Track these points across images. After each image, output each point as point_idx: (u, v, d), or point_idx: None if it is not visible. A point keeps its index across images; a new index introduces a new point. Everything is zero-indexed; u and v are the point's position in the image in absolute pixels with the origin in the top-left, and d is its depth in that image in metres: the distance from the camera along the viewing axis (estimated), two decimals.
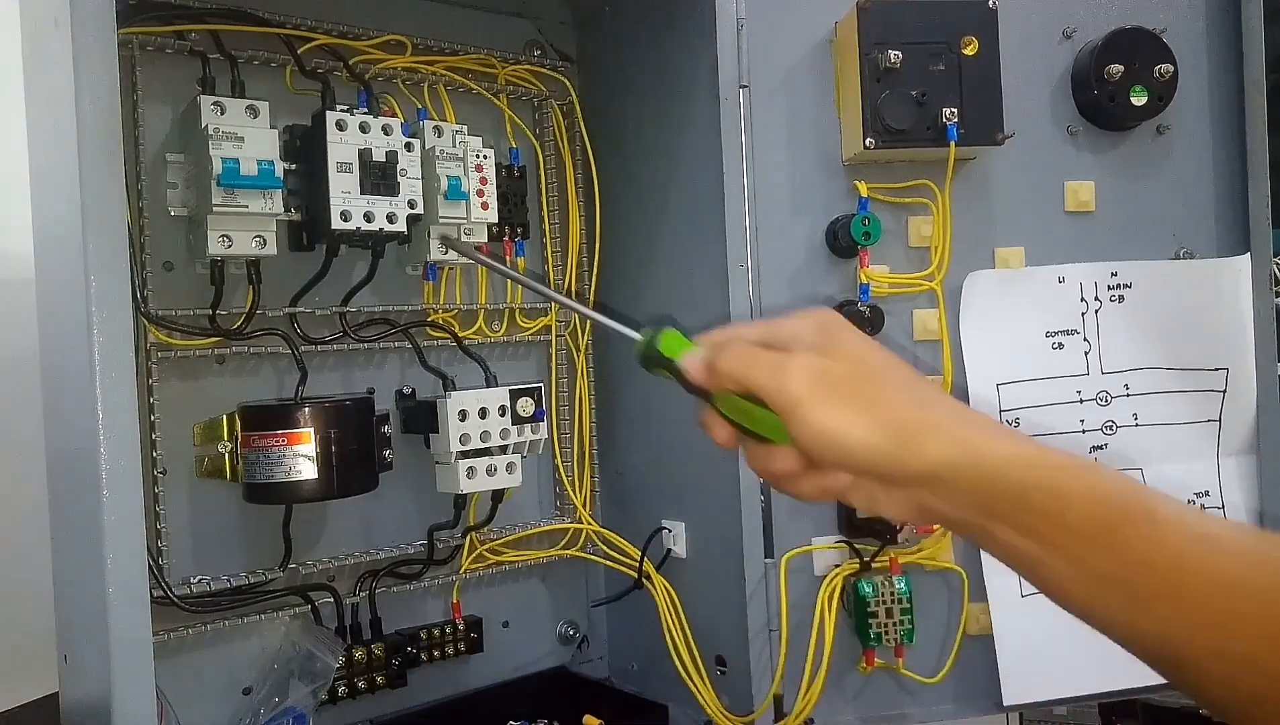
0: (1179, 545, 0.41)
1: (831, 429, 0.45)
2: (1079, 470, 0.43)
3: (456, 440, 0.84)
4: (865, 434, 0.44)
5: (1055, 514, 0.42)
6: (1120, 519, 0.42)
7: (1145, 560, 0.41)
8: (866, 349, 0.48)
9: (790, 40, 0.86)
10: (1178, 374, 0.88)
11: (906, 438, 0.44)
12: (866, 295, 0.85)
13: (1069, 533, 0.42)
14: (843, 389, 0.46)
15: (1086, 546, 0.42)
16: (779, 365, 0.47)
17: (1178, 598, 0.40)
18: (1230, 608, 0.39)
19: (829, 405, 0.45)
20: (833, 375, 0.46)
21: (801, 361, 0.46)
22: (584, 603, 1.04)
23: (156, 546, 0.77)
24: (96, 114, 0.57)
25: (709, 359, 0.50)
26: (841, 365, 0.47)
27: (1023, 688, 0.86)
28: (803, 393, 0.45)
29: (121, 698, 0.57)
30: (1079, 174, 0.89)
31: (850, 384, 0.46)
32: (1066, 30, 0.89)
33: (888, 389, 0.46)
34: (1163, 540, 0.41)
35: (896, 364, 0.48)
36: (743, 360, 0.48)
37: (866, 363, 0.47)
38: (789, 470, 0.49)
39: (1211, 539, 0.41)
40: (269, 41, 0.82)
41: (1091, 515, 0.42)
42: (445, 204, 0.83)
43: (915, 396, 0.46)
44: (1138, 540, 0.41)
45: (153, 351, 0.77)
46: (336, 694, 0.83)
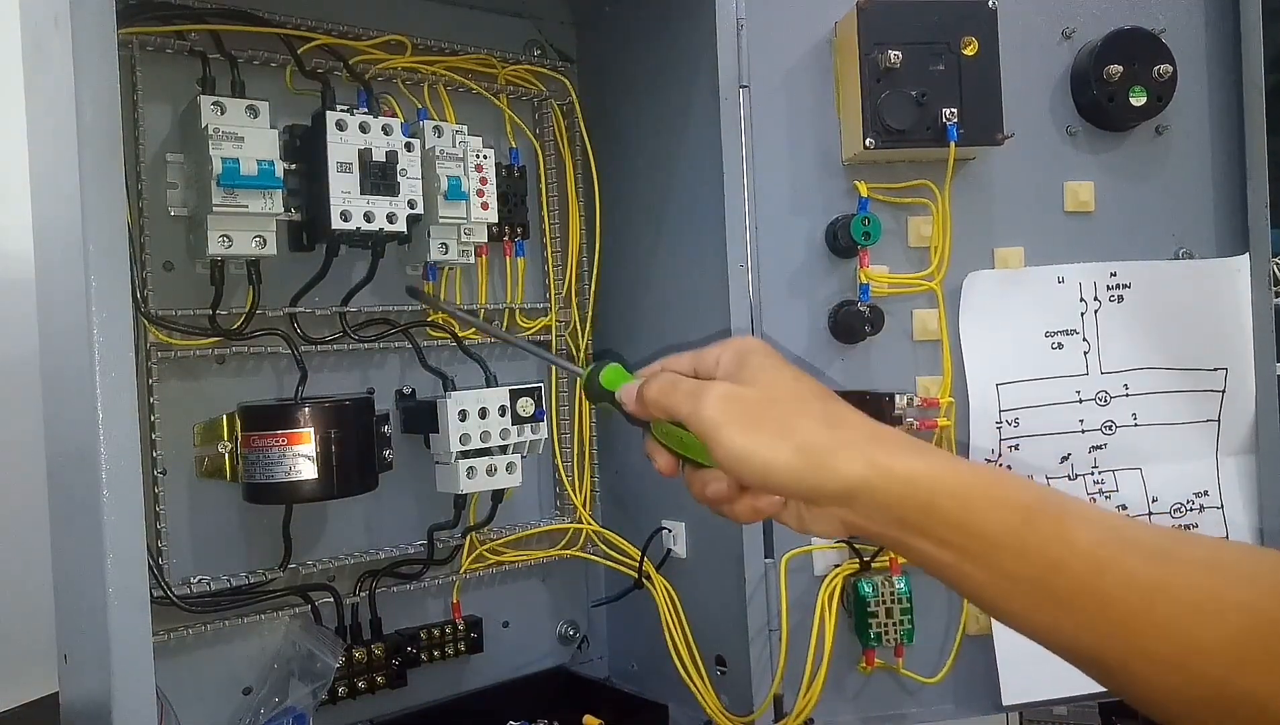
0: (1090, 547, 0.42)
1: (745, 451, 0.47)
2: (986, 479, 0.45)
3: (456, 440, 0.84)
4: (777, 455, 0.46)
5: (965, 522, 0.44)
6: (1028, 523, 0.43)
7: (1057, 563, 0.42)
8: (778, 375, 0.50)
9: (790, 40, 0.86)
10: (1177, 374, 0.88)
11: (818, 458, 0.46)
12: (866, 295, 0.85)
13: (980, 539, 0.43)
14: (755, 413, 0.48)
15: (999, 552, 0.43)
16: (695, 392, 0.49)
17: (1094, 600, 0.41)
18: (1147, 609, 0.40)
19: (741, 428, 0.47)
20: (744, 400, 0.48)
21: (715, 389, 0.49)
22: (584, 603, 1.04)
23: (156, 546, 0.77)
24: (96, 114, 0.57)
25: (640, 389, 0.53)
26: (753, 391, 0.49)
27: (1023, 688, 0.86)
28: (717, 418, 0.48)
29: (121, 698, 0.57)
30: (1079, 174, 0.89)
31: (762, 408, 0.48)
32: (1066, 30, 0.89)
33: (797, 412, 0.48)
34: (1072, 542, 0.42)
35: (809, 387, 0.50)
36: (665, 389, 0.51)
37: (777, 387, 0.49)
38: (722, 493, 0.51)
39: (1124, 540, 0.42)
40: (269, 41, 0.82)
41: (1000, 521, 0.43)
42: (445, 204, 0.83)
43: (825, 417, 0.48)
44: (1048, 543, 0.42)
45: (153, 351, 0.77)
46: (336, 694, 0.83)
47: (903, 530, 0.45)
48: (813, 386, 0.51)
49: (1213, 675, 0.38)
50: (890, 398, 0.83)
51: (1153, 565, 0.41)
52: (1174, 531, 0.43)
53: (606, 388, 0.56)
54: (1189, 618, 0.39)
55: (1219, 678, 0.38)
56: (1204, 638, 0.39)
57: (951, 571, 0.45)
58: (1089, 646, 0.42)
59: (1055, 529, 0.42)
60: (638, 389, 0.54)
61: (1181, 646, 0.39)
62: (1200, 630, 0.39)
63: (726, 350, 0.52)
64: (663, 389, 0.52)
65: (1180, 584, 0.40)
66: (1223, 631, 0.39)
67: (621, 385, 0.55)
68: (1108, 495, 0.88)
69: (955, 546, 0.44)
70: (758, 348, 0.52)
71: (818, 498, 0.47)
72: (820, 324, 0.87)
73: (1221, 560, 0.41)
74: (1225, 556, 0.42)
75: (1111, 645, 0.41)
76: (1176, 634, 0.39)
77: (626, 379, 0.56)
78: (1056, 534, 0.42)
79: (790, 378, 0.50)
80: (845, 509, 0.46)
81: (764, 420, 0.47)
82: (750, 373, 0.50)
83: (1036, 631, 0.43)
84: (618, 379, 0.56)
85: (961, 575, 0.45)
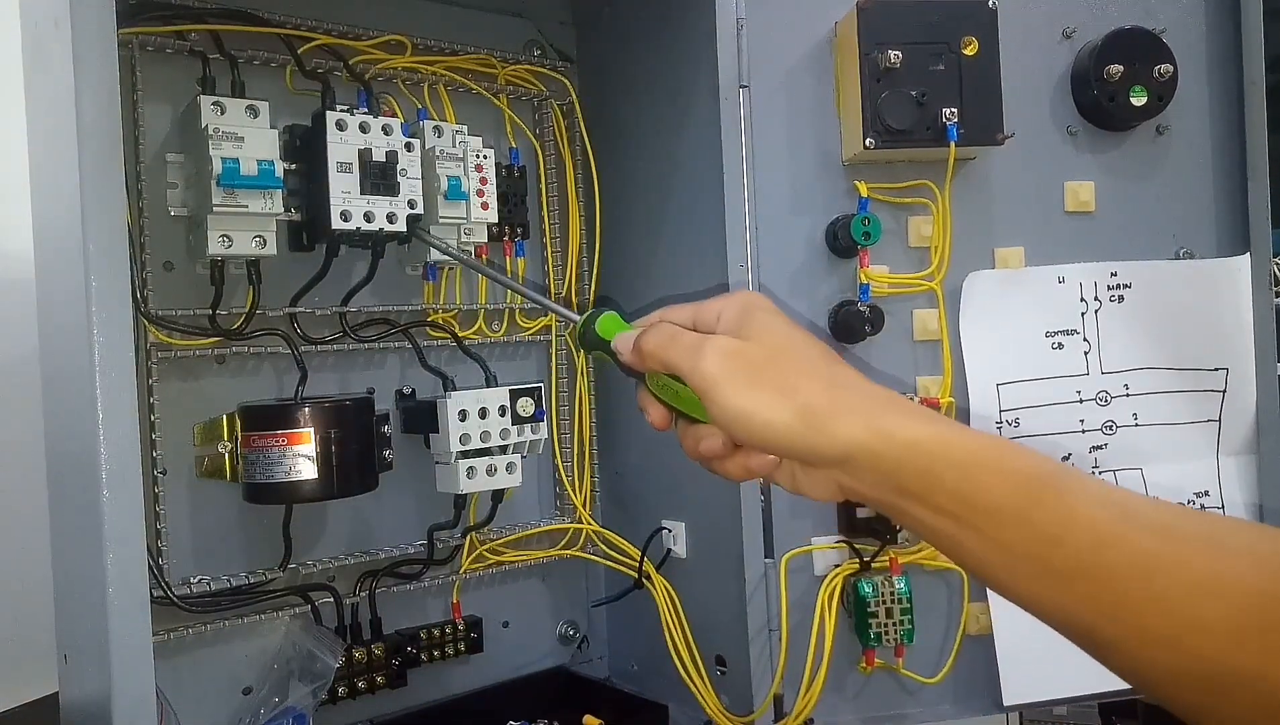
0: (1090, 520, 0.41)
1: (743, 409, 0.46)
2: (989, 447, 0.44)
3: (456, 440, 0.84)
4: (776, 415, 0.45)
5: (965, 491, 0.43)
6: (1029, 494, 0.42)
7: (1057, 535, 0.41)
8: (784, 332, 0.49)
9: (790, 40, 0.86)
10: (1177, 374, 0.88)
11: (817, 419, 0.45)
12: (866, 295, 0.85)
13: (980, 510, 0.42)
14: (756, 370, 0.46)
15: (998, 523, 0.42)
16: (696, 346, 0.48)
17: (1094, 574, 0.40)
18: (1146, 584, 0.39)
19: (741, 386, 0.46)
20: (747, 357, 0.47)
21: (717, 343, 0.48)
22: (584, 603, 1.04)
23: (156, 546, 0.77)
24: (96, 114, 0.57)
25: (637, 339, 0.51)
26: (756, 347, 0.48)
27: (1023, 688, 0.86)
28: (716, 373, 0.46)
29: (121, 698, 0.57)
30: (1079, 174, 0.89)
31: (763, 366, 0.47)
32: (1066, 30, 0.89)
33: (801, 372, 0.47)
34: (1073, 514, 0.41)
35: (813, 346, 0.49)
36: (664, 341, 0.50)
37: (781, 345, 0.48)
38: (716, 450, 0.50)
39: (1126, 514, 0.41)
40: (269, 41, 0.82)
41: (1001, 491, 0.42)
42: (445, 204, 0.83)
43: (828, 379, 0.47)
44: (1049, 514, 0.41)
45: (153, 351, 0.77)
46: (336, 694, 0.83)
47: (900, 496, 0.44)
48: (818, 346, 0.49)
49: (1210, 653, 0.37)
50: None
51: (1154, 540, 0.40)
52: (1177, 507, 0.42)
53: (602, 336, 0.53)
54: (1188, 594, 0.38)
55: (1216, 656, 0.37)
56: (1203, 615, 0.38)
57: (948, 540, 0.44)
58: (1086, 621, 0.41)
59: (1057, 501, 0.41)
60: (634, 339, 0.52)
61: (1180, 624, 0.38)
62: (1199, 608, 0.38)
63: (730, 304, 0.51)
64: (661, 341, 0.50)
65: (1181, 560, 0.39)
66: (1222, 610, 0.38)
67: (617, 334, 0.53)
68: None
69: (954, 515, 0.43)
70: (763, 303, 0.51)
71: (814, 460, 0.46)
72: (820, 324, 0.87)
73: (1223, 538, 0.40)
74: (1227, 534, 0.41)
75: (1109, 621, 0.40)
76: (1175, 611, 0.38)
77: (623, 328, 0.54)
78: (1058, 506, 0.41)
79: (796, 336, 0.49)
80: (840, 472, 0.45)
81: (765, 378, 0.46)
82: (754, 329, 0.48)
83: (1033, 604, 0.43)
84: (614, 327, 0.54)
85: (958, 544, 0.44)
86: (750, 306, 0.50)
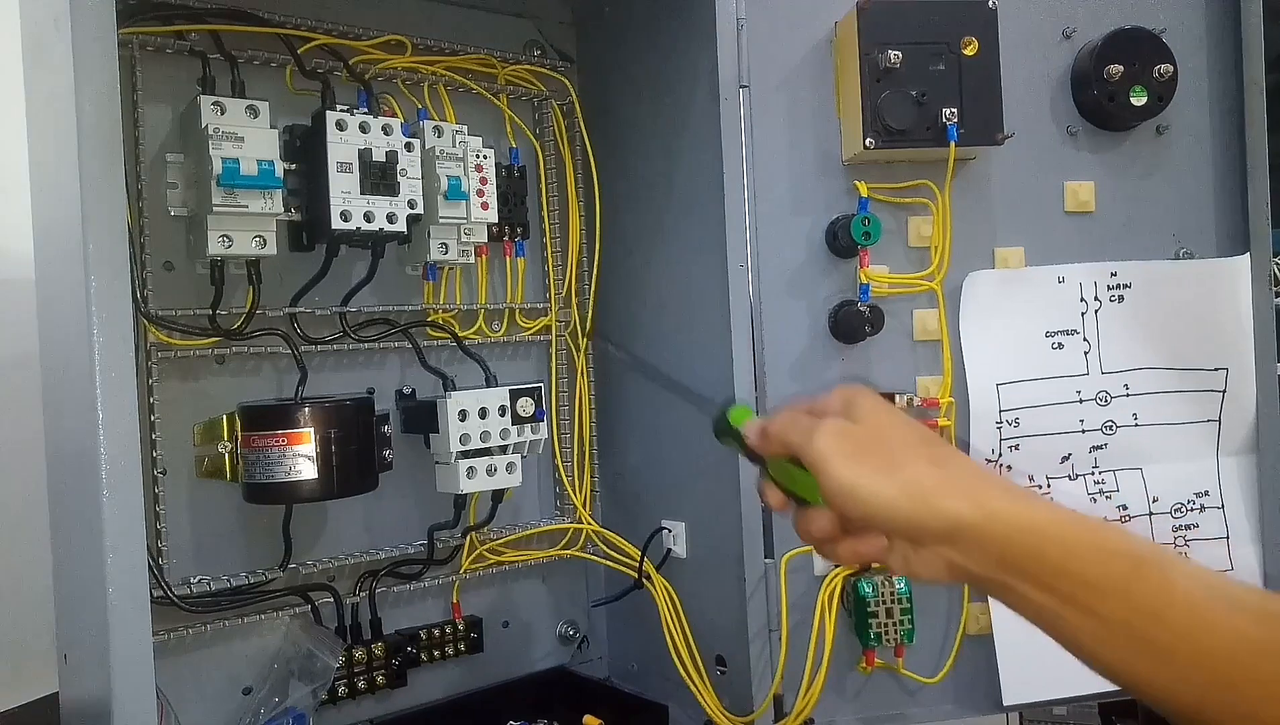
0: (1189, 598, 0.43)
1: (853, 483, 0.49)
2: (1090, 526, 0.46)
3: (456, 440, 0.84)
4: (884, 488, 0.48)
5: (1070, 568, 0.45)
6: (1132, 571, 0.44)
7: (1156, 610, 0.43)
8: (887, 416, 0.52)
9: (790, 40, 0.86)
10: (1177, 374, 0.88)
11: (924, 495, 0.47)
12: (866, 295, 0.85)
13: (1082, 584, 0.44)
14: (862, 448, 0.50)
15: (1099, 596, 0.44)
16: (810, 427, 0.52)
17: (1197, 655, 0.42)
18: (1254, 669, 0.41)
19: (851, 462, 0.49)
20: (854, 436, 0.51)
21: (828, 424, 0.51)
22: (584, 603, 1.04)
23: (156, 546, 0.77)
24: (96, 114, 0.57)
25: (763, 425, 0.56)
26: (863, 428, 0.51)
27: (1023, 687, 0.86)
28: (827, 450, 0.50)
29: (121, 698, 0.57)
30: (1079, 174, 0.89)
31: (869, 444, 0.50)
32: (1066, 30, 0.89)
33: (904, 450, 0.50)
34: (1172, 591, 0.43)
35: (916, 430, 0.53)
36: (785, 424, 0.54)
37: (886, 426, 0.52)
38: (826, 532, 0.53)
39: (1230, 598, 0.43)
40: (269, 41, 0.82)
41: (1104, 568, 0.44)
42: (445, 204, 0.83)
43: (930, 457, 0.49)
44: (1149, 589, 0.43)
45: (153, 351, 0.77)
46: (336, 694, 0.84)
47: (1006, 573, 0.46)
48: (919, 429, 0.53)
49: None
50: (890, 398, 0.83)
51: (1261, 627, 0.42)
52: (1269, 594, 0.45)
53: (732, 423, 0.58)
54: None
55: None
56: None
57: (1050, 616, 0.46)
58: (1187, 700, 0.43)
59: (1158, 576, 0.44)
60: (761, 424, 0.56)
61: None
62: None
63: (839, 394, 0.55)
64: (783, 424, 0.54)
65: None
66: None
67: (745, 422, 0.58)
68: (1108, 495, 0.88)
69: (1058, 591, 0.45)
70: (866, 393, 0.55)
71: (922, 535, 0.48)
72: (820, 324, 0.87)
73: None
74: None
75: (1211, 701, 0.42)
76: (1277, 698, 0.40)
77: (749, 416, 0.59)
78: (1159, 581, 0.43)
79: (898, 420, 0.53)
80: (949, 548, 0.47)
81: (872, 455, 0.49)
82: (860, 413, 0.52)
83: (1132, 680, 0.44)
84: (743, 417, 0.58)
85: (1060, 620, 0.45)
86: (855, 395, 0.54)
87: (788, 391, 0.86)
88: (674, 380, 0.82)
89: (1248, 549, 0.89)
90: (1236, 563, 0.89)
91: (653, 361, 0.94)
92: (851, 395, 0.54)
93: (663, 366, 0.93)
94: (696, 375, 0.88)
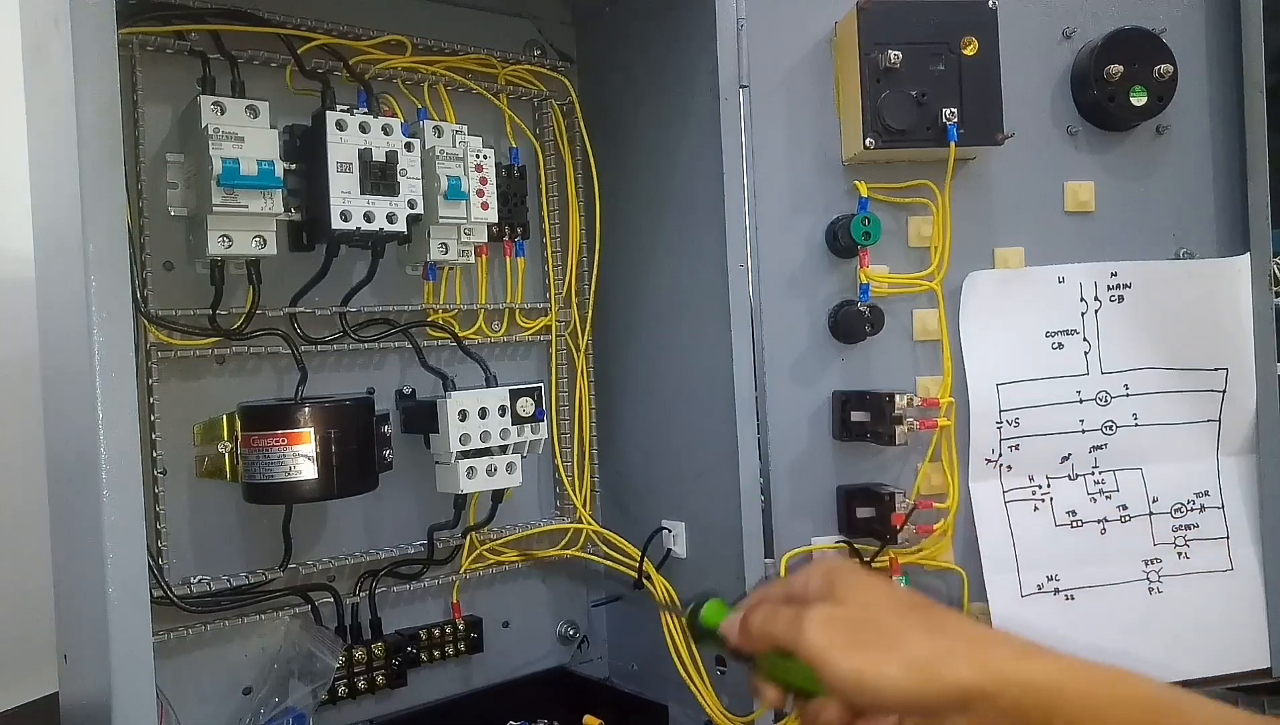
0: None
1: (856, 672, 0.47)
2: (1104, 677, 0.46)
3: (456, 440, 0.84)
4: (888, 671, 0.47)
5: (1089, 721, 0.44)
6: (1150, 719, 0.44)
7: None
8: (872, 589, 0.51)
9: (790, 40, 0.86)
10: (1177, 374, 0.88)
11: (927, 669, 0.46)
12: (866, 295, 0.85)
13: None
14: (855, 631, 0.49)
15: None
16: (796, 619, 0.50)
17: None
18: None
19: (849, 650, 0.48)
20: (844, 620, 0.49)
21: (815, 613, 0.50)
22: (584, 603, 1.04)
23: (156, 546, 0.77)
24: (96, 114, 0.57)
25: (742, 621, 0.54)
26: (851, 609, 0.50)
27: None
28: (823, 642, 0.48)
29: (121, 698, 0.57)
30: (1079, 174, 0.89)
31: (862, 625, 0.49)
32: (1066, 30, 0.89)
33: (898, 623, 0.49)
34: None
35: (903, 596, 0.51)
36: (767, 618, 0.52)
37: (872, 601, 0.50)
38: (834, 722, 0.51)
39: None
40: (269, 41, 0.82)
41: (1122, 717, 0.44)
42: (445, 204, 0.83)
43: (928, 625, 0.48)
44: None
45: (153, 351, 0.77)
46: (336, 694, 0.83)
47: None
48: (906, 595, 0.52)
49: None
50: (890, 398, 0.83)
51: None
52: None
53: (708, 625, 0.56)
54: None
55: None
56: None
57: None
58: None
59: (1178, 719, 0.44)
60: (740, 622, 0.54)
61: None
62: None
63: (814, 573, 0.53)
64: (765, 618, 0.52)
65: None
66: None
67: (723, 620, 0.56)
68: (1108, 495, 0.88)
69: None
70: (843, 565, 0.54)
71: (934, 710, 0.47)
72: (820, 324, 0.87)
73: None
74: None
75: None
76: None
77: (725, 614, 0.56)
78: None
79: (883, 590, 0.51)
80: (963, 716, 0.46)
81: (867, 637, 0.48)
82: (842, 590, 0.51)
83: None
84: (718, 615, 0.56)
85: None
86: (832, 570, 0.53)
87: (788, 391, 0.86)
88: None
89: (1248, 549, 0.89)
90: (1236, 563, 0.89)
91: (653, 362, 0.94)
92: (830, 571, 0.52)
93: (663, 366, 0.93)
94: (696, 375, 0.88)
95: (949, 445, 0.87)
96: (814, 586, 0.52)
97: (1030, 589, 0.86)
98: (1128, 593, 0.87)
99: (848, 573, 0.52)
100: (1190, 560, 0.88)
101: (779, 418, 0.85)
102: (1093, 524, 0.88)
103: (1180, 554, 0.88)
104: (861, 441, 0.85)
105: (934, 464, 0.87)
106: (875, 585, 0.51)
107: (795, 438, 0.86)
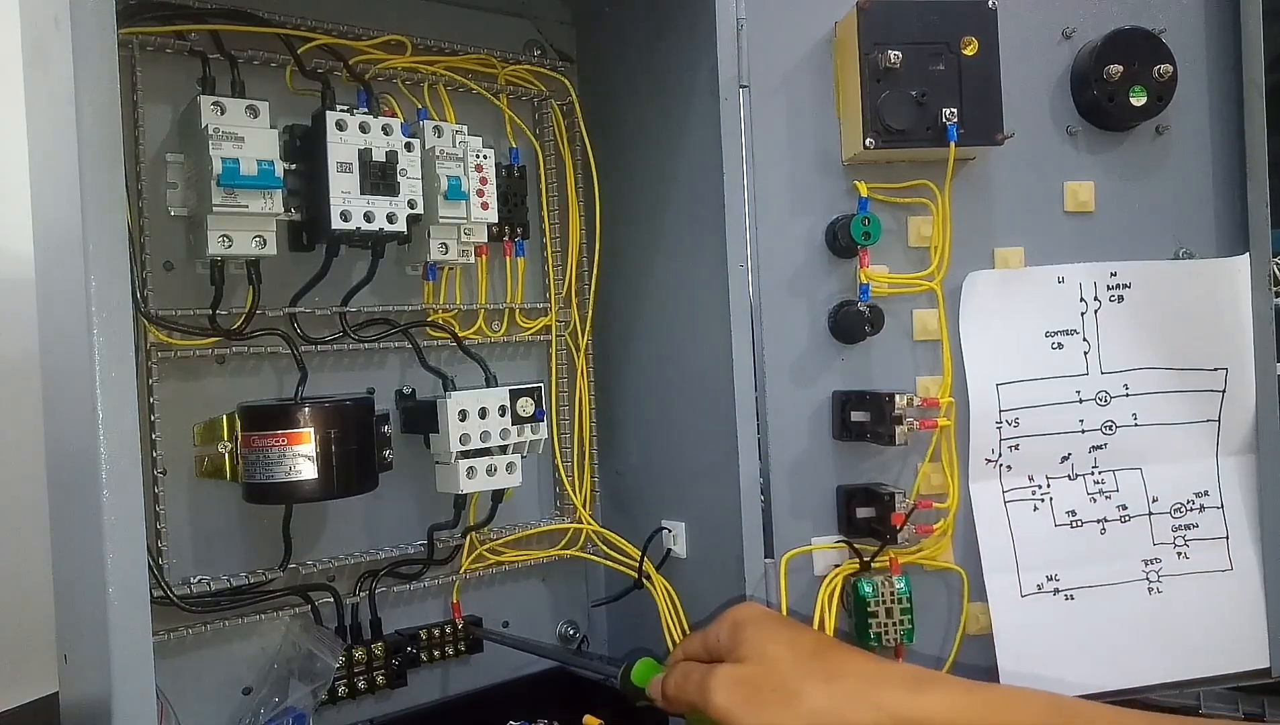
0: None
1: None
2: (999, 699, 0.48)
3: (456, 440, 0.84)
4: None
5: None
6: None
7: None
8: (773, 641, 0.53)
9: (790, 40, 0.86)
10: (1177, 374, 0.88)
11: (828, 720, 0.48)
12: (866, 295, 0.85)
13: None
14: (756, 690, 0.50)
15: None
16: (703, 682, 0.52)
17: None
18: None
19: (750, 709, 0.50)
20: (746, 679, 0.51)
21: (718, 676, 0.52)
22: (584, 603, 1.04)
23: (156, 546, 0.77)
24: (96, 114, 0.57)
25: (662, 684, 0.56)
26: (751, 667, 0.52)
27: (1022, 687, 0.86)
28: (727, 704, 0.50)
29: (121, 698, 0.57)
30: (1079, 174, 0.89)
31: (762, 684, 0.51)
32: (1066, 30, 0.89)
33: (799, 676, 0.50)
34: None
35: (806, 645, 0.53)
36: (679, 683, 0.54)
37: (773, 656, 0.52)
38: None
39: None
40: (269, 41, 0.82)
41: None
42: (445, 204, 0.83)
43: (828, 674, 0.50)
44: None
45: (153, 351, 0.77)
46: (336, 694, 0.84)
47: None
48: (808, 643, 0.53)
49: None
50: (890, 398, 0.83)
51: None
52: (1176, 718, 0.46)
53: (637, 685, 0.58)
54: None
55: None
56: None
57: None
58: None
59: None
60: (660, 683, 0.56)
61: None
62: None
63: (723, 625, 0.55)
64: (678, 683, 0.54)
65: None
66: None
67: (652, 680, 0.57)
68: (1108, 495, 0.88)
69: None
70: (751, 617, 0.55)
71: None
72: (820, 324, 0.87)
73: None
74: None
75: None
76: None
77: (656, 672, 0.57)
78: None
79: (784, 641, 0.53)
80: None
81: (766, 696, 0.50)
82: (746, 647, 0.53)
83: None
84: (648, 674, 0.57)
85: None
86: (738, 623, 0.54)
87: (788, 391, 0.86)
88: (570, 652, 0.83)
89: (1248, 549, 0.89)
90: (1236, 563, 0.89)
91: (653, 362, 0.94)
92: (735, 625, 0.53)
93: (663, 366, 0.93)
94: (696, 375, 0.88)
95: (949, 445, 0.87)
96: (723, 641, 0.54)
97: (1030, 589, 0.86)
98: (1127, 592, 0.87)
99: (751, 626, 0.54)
100: (1190, 560, 0.88)
101: (779, 418, 0.85)
102: (1092, 524, 0.88)
103: (1180, 554, 0.88)
104: (861, 441, 0.85)
105: (934, 464, 0.87)
106: (777, 636, 0.53)
107: (795, 438, 0.86)
